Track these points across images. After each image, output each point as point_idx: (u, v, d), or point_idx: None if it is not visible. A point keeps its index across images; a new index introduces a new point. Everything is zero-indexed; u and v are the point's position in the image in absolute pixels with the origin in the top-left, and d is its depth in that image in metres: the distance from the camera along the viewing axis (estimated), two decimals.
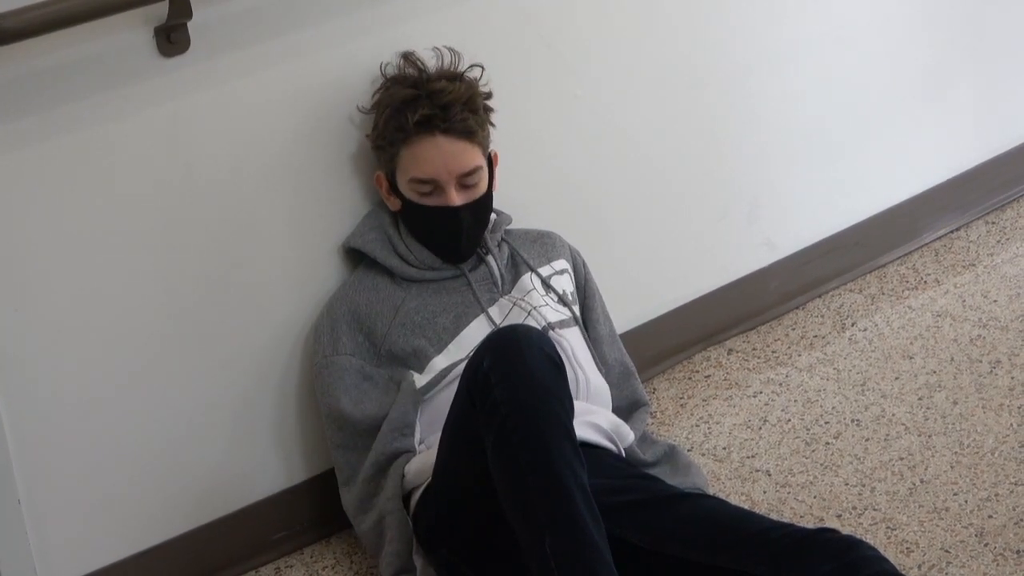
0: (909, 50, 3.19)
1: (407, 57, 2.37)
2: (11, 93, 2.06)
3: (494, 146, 2.44)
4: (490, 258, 2.46)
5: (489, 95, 2.41)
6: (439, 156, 2.31)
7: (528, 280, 2.47)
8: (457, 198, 2.34)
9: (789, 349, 2.95)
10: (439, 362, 2.34)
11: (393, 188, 2.38)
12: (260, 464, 2.45)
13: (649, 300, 2.88)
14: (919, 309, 3.04)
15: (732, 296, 2.99)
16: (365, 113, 2.38)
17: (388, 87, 2.36)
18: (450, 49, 2.39)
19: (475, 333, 2.35)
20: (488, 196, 2.40)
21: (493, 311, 2.41)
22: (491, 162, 2.42)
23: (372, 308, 2.37)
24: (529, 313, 2.41)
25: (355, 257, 2.46)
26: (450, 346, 2.36)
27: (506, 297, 2.44)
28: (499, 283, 2.45)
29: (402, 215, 2.40)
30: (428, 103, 2.30)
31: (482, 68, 2.40)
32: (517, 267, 2.49)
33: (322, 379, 2.36)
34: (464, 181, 2.34)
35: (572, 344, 2.42)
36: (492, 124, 2.42)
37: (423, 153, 2.31)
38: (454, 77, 2.36)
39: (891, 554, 2.30)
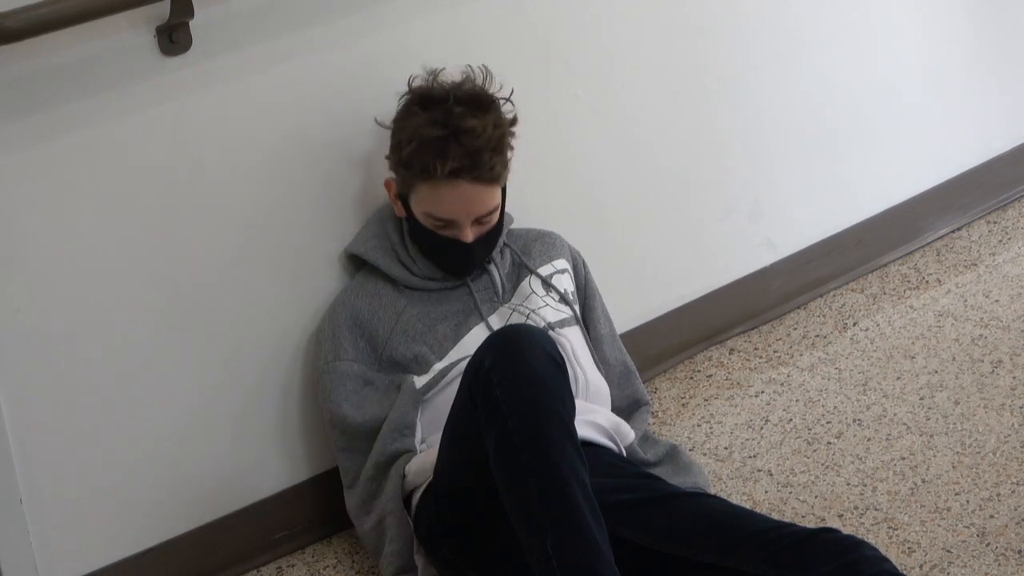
0: (910, 50, 3.18)
1: (436, 77, 2.31)
2: (12, 93, 2.06)
3: None
4: (492, 267, 2.45)
5: (514, 120, 2.35)
6: (461, 201, 2.28)
7: (527, 285, 2.47)
8: (471, 235, 2.32)
9: (791, 349, 2.95)
10: (440, 365, 2.35)
11: (403, 201, 2.35)
12: (261, 464, 2.45)
13: (650, 299, 2.88)
14: (921, 309, 3.04)
15: (734, 296, 2.99)
16: (385, 128, 2.33)
17: (412, 110, 2.28)
18: (483, 68, 2.33)
19: (475, 341, 2.32)
20: (500, 223, 2.38)
21: (493, 319, 2.40)
22: (503, 189, 2.38)
23: (374, 314, 2.37)
24: (528, 316, 2.41)
25: (356, 262, 2.45)
26: (451, 353, 2.36)
27: (506, 305, 2.43)
28: (500, 292, 2.45)
29: (409, 229, 2.39)
30: (459, 150, 2.22)
31: (511, 103, 2.34)
32: (518, 273, 2.49)
33: (324, 384, 2.36)
34: (481, 220, 2.33)
35: (572, 343, 2.42)
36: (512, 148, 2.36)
37: (445, 195, 2.27)
38: (482, 105, 2.28)
39: (892, 554, 2.30)
